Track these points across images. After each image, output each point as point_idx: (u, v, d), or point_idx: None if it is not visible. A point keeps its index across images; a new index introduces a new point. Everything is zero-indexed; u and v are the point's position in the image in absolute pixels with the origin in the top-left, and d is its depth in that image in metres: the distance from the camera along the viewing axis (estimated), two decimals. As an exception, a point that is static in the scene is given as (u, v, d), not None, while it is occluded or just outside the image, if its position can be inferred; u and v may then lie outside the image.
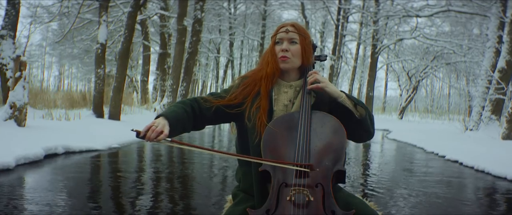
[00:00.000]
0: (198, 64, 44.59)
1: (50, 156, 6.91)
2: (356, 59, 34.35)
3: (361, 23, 30.89)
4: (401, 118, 28.62)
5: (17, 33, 12.29)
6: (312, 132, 1.74)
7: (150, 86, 24.56)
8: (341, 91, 1.84)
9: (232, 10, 36.90)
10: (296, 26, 1.91)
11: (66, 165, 6.41)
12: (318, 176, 1.66)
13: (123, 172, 6.14)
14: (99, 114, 13.15)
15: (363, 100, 30.25)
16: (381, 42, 26.35)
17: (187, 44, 17.50)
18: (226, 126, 15.88)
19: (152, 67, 24.66)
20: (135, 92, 24.03)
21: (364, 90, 29.70)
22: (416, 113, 36.31)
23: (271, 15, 37.86)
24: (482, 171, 7.28)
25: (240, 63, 42.86)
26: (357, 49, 34.53)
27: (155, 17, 21.92)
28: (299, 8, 31.40)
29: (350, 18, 32.17)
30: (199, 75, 50.69)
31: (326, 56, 2.08)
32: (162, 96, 19.91)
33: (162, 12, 19.42)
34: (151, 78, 24.46)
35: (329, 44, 35.06)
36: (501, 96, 13.30)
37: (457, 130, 15.18)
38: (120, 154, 7.90)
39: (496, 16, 14.24)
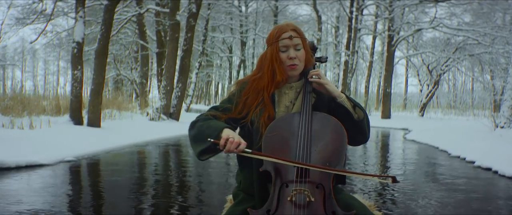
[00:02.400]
0: (213, 65, 43.68)
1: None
2: (372, 54, 32.56)
3: (376, 15, 29.13)
4: (422, 115, 26.74)
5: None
6: (313, 133, 1.71)
7: (155, 89, 23.27)
8: (341, 92, 1.83)
9: (243, 8, 35.99)
10: (297, 30, 1.84)
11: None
12: (318, 177, 1.63)
13: (50, 195, 4.62)
14: (77, 120, 11.73)
15: (381, 97, 28.50)
16: (398, 34, 24.51)
17: (181, 42, 16.03)
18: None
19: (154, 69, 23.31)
20: (135, 95, 22.67)
21: (381, 86, 27.97)
22: (438, 109, 34.37)
23: (283, 12, 36.68)
24: (526, 184, 5.59)
25: (253, 63, 41.48)
26: (373, 43, 32.81)
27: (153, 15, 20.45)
28: (311, 2, 29.78)
29: (365, 11, 30.44)
30: (213, 76, 49.59)
31: (327, 58, 2.01)
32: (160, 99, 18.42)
33: (156, 8, 17.95)
34: (155, 80, 23.21)
35: (345, 39, 33.30)
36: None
37: (485, 128, 13.25)
38: (66, 170, 6.38)
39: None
